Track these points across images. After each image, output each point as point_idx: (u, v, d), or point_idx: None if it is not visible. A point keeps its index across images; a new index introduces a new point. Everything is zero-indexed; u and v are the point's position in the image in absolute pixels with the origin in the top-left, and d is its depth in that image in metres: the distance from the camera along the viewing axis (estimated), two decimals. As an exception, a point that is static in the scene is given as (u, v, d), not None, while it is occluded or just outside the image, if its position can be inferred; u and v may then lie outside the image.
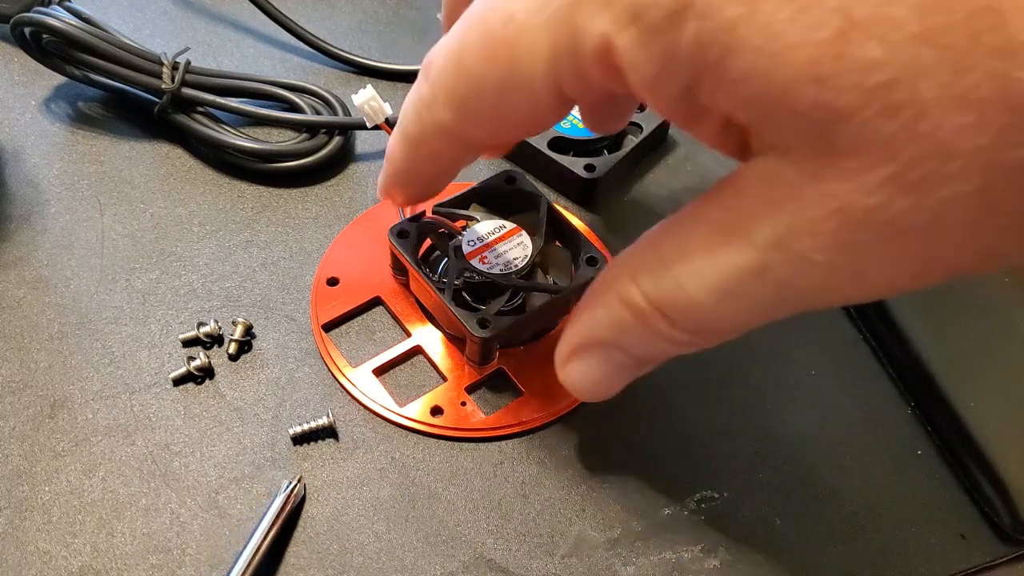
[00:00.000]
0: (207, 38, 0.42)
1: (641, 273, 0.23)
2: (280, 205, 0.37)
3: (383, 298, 0.33)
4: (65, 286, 0.33)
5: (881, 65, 0.16)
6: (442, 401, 0.31)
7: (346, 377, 0.31)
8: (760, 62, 0.17)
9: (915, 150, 0.16)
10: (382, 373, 0.32)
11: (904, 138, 0.16)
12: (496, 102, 0.22)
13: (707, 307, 0.21)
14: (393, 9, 0.44)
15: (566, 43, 0.20)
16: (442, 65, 0.23)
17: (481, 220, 0.32)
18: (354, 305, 0.33)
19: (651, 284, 0.22)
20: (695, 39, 0.18)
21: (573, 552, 0.29)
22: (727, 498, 0.30)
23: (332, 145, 0.37)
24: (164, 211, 0.36)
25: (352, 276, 0.34)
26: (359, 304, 0.33)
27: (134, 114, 0.38)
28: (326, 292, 0.33)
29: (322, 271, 0.34)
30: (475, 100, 0.23)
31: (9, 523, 0.28)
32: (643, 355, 0.24)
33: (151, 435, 0.30)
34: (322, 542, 0.28)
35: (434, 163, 0.26)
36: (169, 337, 0.32)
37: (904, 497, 0.31)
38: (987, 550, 0.30)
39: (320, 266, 0.34)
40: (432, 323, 0.33)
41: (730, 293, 0.21)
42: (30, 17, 0.35)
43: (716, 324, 0.22)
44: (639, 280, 0.23)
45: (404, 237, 0.31)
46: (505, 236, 0.31)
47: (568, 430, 0.31)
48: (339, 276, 0.34)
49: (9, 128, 0.38)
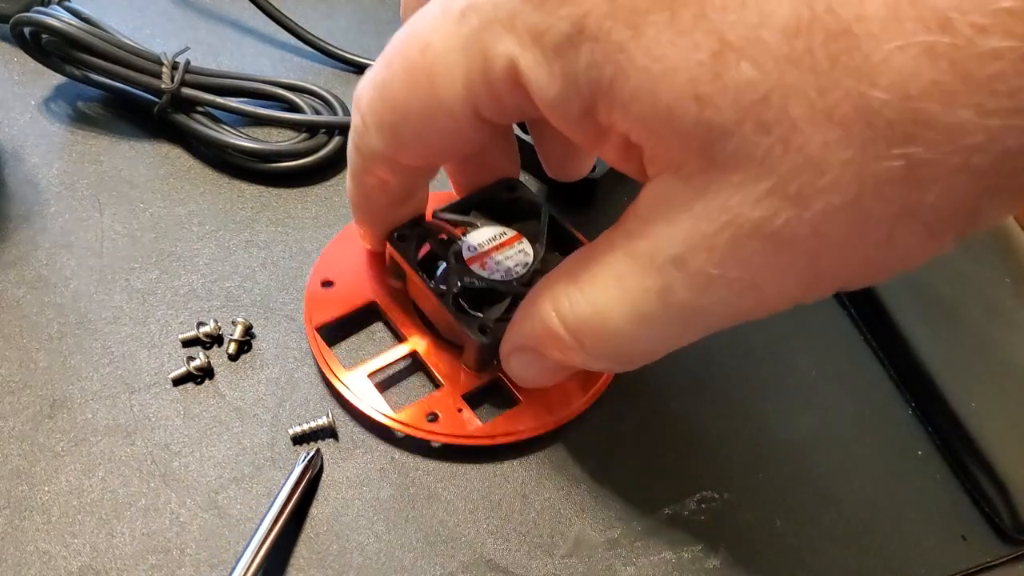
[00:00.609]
0: (207, 38, 0.42)
1: (560, 298, 0.24)
2: (280, 205, 0.37)
3: (379, 303, 0.33)
4: (64, 286, 0.33)
5: (754, 84, 0.17)
6: (438, 407, 0.30)
7: (340, 380, 0.31)
8: (646, 82, 0.18)
9: (790, 163, 0.18)
10: (377, 377, 0.31)
11: (780, 152, 0.18)
12: (421, 127, 0.23)
13: (621, 333, 0.22)
14: (393, 9, 0.44)
15: (478, 67, 0.21)
16: (370, 96, 0.24)
17: (481, 227, 0.32)
18: (349, 309, 0.33)
19: (568, 310, 0.24)
20: (590, 60, 0.19)
21: (573, 552, 0.29)
22: (727, 498, 0.30)
23: (332, 145, 0.37)
24: (164, 211, 0.36)
25: (347, 279, 0.33)
26: (354, 308, 0.33)
27: (134, 114, 0.38)
28: (320, 295, 0.33)
29: (316, 273, 0.33)
30: (402, 126, 0.24)
31: (8, 523, 0.28)
32: (568, 364, 0.26)
33: (151, 435, 0.30)
34: (322, 542, 0.28)
35: (382, 192, 0.27)
36: (169, 337, 0.32)
37: (904, 497, 0.31)
38: (987, 550, 0.30)
39: (315, 269, 0.34)
40: (429, 329, 0.32)
41: (641, 319, 0.22)
42: (30, 17, 0.35)
43: (629, 349, 0.23)
44: (558, 305, 0.24)
45: (404, 241, 0.31)
46: (505, 243, 0.31)
47: (568, 430, 0.31)
48: (334, 279, 0.33)
49: (9, 128, 0.38)
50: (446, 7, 0.21)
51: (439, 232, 0.31)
